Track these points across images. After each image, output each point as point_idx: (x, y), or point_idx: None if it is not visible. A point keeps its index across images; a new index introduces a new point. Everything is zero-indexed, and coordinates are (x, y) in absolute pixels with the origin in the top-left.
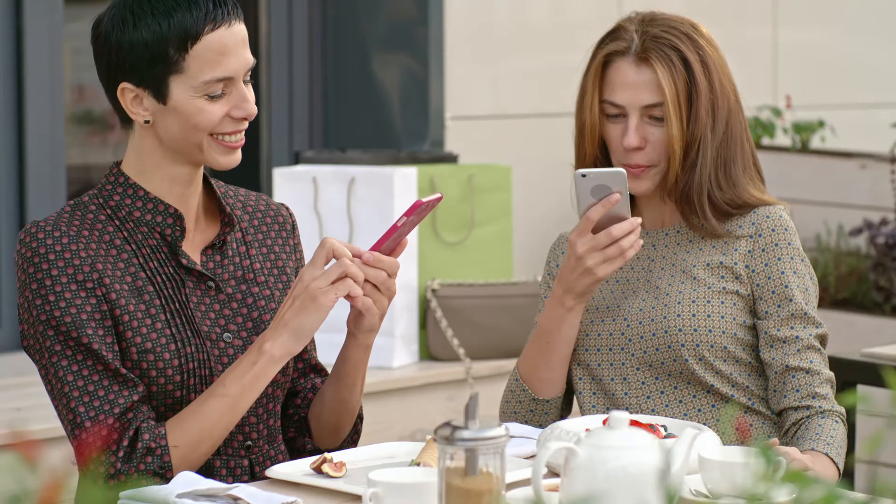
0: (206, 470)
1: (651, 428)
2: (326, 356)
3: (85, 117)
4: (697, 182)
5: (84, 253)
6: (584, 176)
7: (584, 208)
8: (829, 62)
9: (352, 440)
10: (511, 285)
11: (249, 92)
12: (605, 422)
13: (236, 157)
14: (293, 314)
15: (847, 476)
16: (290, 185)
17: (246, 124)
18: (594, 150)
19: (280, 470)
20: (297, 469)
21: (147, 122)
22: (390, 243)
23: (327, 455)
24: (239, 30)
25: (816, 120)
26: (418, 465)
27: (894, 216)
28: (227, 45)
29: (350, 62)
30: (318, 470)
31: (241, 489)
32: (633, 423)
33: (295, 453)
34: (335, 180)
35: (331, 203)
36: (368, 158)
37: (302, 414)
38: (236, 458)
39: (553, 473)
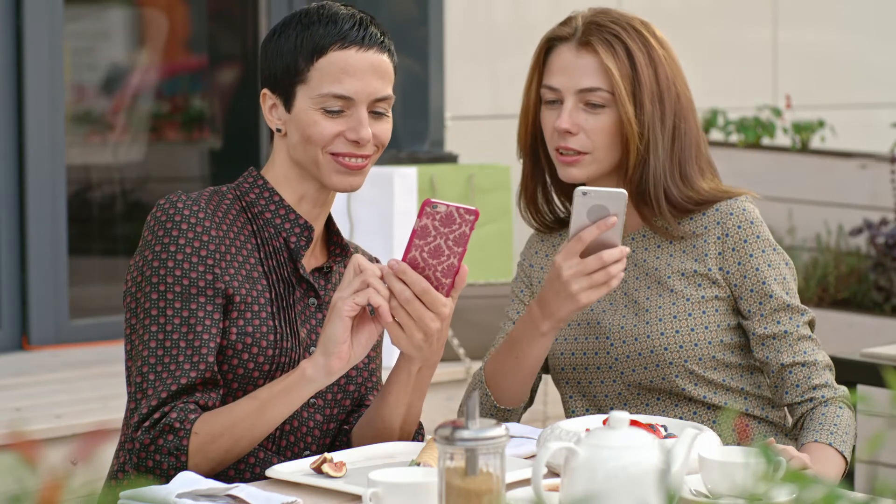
0: (269, 465)
1: (651, 428)
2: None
3: (85, 117)
4: (652, 176)
5: (214, 231)
6: (584, 194)
7: (576, 228)
8: (829, 62)
9: None
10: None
11: (382, 123)
12: (605, 422)
13: (353, 180)
14: (322, 330)
15: (847, 476)
16: None
17: (367, 149)
18: (527, 136)
19: (280, 470)
20: (297, 469)
21: (279, 130)
22: (438, 265)
23: (327, 455)
24: (373, 57)
25: (816, 120)
26: (418, 465)
27: (894, 216)
28: (352, 66)
29: None
30: (318, 470)
31: (241, 489)
32: (633, 423)
33: None
34: None
35: None
36: None
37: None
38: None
39: (553, 473)
